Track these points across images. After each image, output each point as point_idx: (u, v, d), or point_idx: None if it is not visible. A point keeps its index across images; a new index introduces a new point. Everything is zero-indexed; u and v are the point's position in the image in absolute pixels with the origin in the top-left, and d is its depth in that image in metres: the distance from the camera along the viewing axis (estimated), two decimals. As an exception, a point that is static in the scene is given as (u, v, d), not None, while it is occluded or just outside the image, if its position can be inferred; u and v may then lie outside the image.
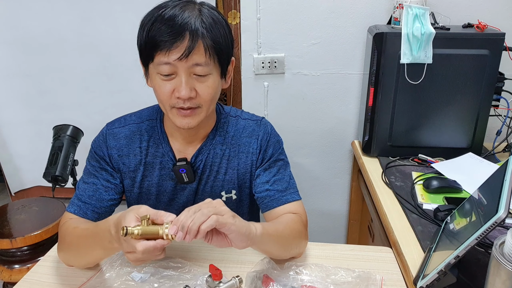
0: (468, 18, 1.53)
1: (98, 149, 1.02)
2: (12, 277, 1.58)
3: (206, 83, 0.89)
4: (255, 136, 1.04)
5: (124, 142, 1.02)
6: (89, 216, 0.98)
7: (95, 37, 2.26)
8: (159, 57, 0.85)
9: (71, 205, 1.00)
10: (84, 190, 1.00)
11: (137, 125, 1.03)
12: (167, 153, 1.02)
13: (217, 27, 0.87)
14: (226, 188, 1.05)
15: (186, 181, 1.02)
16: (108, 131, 1.03)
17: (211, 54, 0.86)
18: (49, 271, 0.97)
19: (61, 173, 1.87)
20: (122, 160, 1.02)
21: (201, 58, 0.85)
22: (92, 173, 1.02)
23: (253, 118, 1.08)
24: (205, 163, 1.03)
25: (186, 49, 0.83)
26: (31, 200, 1.83)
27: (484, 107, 1.44)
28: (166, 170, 1.03)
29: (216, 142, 1.03)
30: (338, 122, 1.84)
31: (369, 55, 1.48)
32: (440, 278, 0.82)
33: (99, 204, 1.00)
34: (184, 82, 0.86)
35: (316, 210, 2.01)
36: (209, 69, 0.88)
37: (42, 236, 1.58)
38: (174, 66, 0.85)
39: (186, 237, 0.73)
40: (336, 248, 1.04)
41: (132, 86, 2.34)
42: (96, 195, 1.00)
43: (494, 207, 0.75)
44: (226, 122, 1.05)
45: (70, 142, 1.92)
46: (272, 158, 1.04)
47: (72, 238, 0.92)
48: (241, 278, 0.88)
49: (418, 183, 1.32)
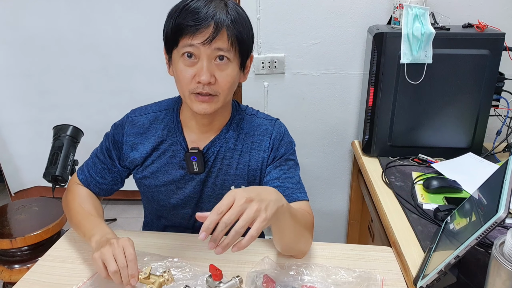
0: (468, 18, 1.53)
1: (116, 133, 1.09)
2: (12, 277, 1.58)
3: (225, 71, 0.93)
4: (268, 134, 1.07)
5: (141, 130, 1.07)
6: (91, 188, 1.10)
7: (95, 37, 2.27)
8: (184, 41, 0.90)
9: (81, 171, 1.12)
10: (94, 163, 1.10)
11: (155, 114, 1.08)
12: (180, 142, 1.05)
13: (241, 21, 0.92)
14: (236, 182, 1.07)
15: (196, 170, 1.05)
16: (128, 118, 1.09)
17: (233, 43, 0.91)
18: (49, 271, 0.96)
19: (61, 173, 1.87)
20: (136, 147, 1.07)
21: (223, 44, 0.90)
22: (104, 152, 1.10)
23: (268, 118, 1.11)
24: (217, 155, 1.05)
25: (210, 35, 0.88)
26: (31, 200, 1.83)
27: (484, 107, 1.44)
28: (177, 159, 1.06)
29: (230, 136, 1.06)
30: (338, 122, 1.84)
31: (369, 55, 1.48)
32: (440, 278, 0.82)
33: (102, 181, 1.10)
34: (205, 67, 0.90)
35: (316, 210, 2.00)
36: (230, 57, 0.92)
37: (42, 236, 1.58)
38: (198, 49, 0.89)
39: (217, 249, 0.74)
40: (336, 248, 1.04)
41: (132, 86, 2.35)
42: (101, 173, 1.09)
43: (494, 207, 0.75)
44: (241, 119, 1.08)
45: (70, 142, 1.92)
46: (283, 156, 1.07)
47: (72, 212, 1.04)
48: (241, 278, 0.88)
49: (418, 183, 1.32)
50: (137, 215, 2.63)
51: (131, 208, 2.69)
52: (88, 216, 1.01)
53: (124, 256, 0.82)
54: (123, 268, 0.81)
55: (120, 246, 0.84)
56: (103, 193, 1.12)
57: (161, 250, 1.02)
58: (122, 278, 0.82)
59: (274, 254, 1.00)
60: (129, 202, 2.72)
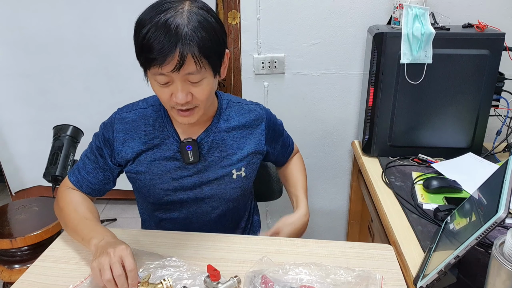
0: (468, 18, 1.53)
1: (105, 131, 1.10)
2: (12, 277, 1.58)
3: (200, 86, 0.94)
4: (262, 118, 1.16)
5: (130, 126, 1.08)
6: (84, 190, 1.11)
7: (95, 37, 2.27)
8: (154, 69, 0.90)
9: (72, 174, 1.12)
10: (85, 164, 1.12)
11: (143, 110, 1.10)
12: (172, 135, 1.08)
13: (205, 30, 0.89)
14: (236, 166, 1.12)
15: (191, 160, 1.07)
16: (117, 115, 1.10)
17: (202, 62, 0.89)
18: (45, 272, 0.96)
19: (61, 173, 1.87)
20: (126, 143, 1.08)
21: (192, 68, 0.89)
22: (94, 152, 1.11)
23: (254, 103, 1.19)
24: (211, 144, 1.09)
25: (177, 63, 0.87)
26: (31, 200, 1.83)
27: (484, 107, 1.44)
28: (171, 151, 1.08)
29: (221, 125, 1.11)
30: (338, 122, 1.84)
31: (369, 55, 1.48)
32: (440, 278, 0.82)
33: (94, 180, 1.11)
34: (180, 89, 0.92)
35: (316, 210, 2.00)
36: (202, 75, 0.92)
37: (42, 236, 1.58)
38: (169, 76, 0.90)
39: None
40: (336, 246, 1.04)
41: (132, 86, 2.34)
42: (93, 173, 1.10)
43: (494, 207, 0.74)
44: (228, 107, 1.13)
45: (70, 142, 1.92)
46: (277, 132, 1.23)
47: (67, 218, 1.05)
48: (239, 278, 0.88)
49: (418, 183, 1.32)
50: (137, 215, 2.61)
51: (131, 208, 2.69)
52: (84, 221, 1.02)
53: (120, 266, 0.84)
54: (119, 277, 0.84)
55: (117, 255, 0.86)
56: (95, 193, 1.13)
57: (159, 249, 1.02)
58: (119, 286, 0.84)
59: (272, 254, 1.00)
60: (129, 202, 2.72)
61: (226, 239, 1.07)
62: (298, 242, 1.06)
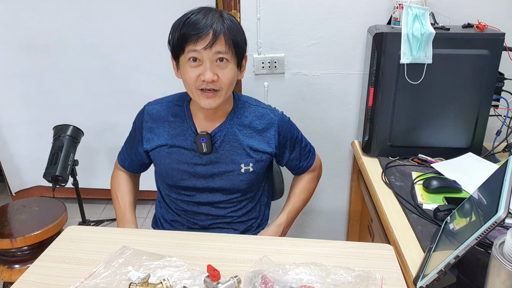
0: (468, 18, 1.53)
1: (137, 120, 1.30)
2: (12, 277, 1.58)
3: (225, 69, 1.11)
4: (272, 123, 1.26)
5: (156, 116, 1.26)
6: (126, 167, 1.38)
7: (95, 37, 2.27)
8: (189, 47, 1.07)
9: (119, 156, 1.39)
10: (126, 147, 1.37)
11: (168, 104, 1.27)
12: (190, 127, 1.23)
13: (235, 28, 1.11)
14: (245, 161, 1.24)
15: (205, 151, 1.21)
16: (146, 107, 1.29)
17: (230, 46, 1.09)
18: (45, 272, 0.96)
19: (61, 173, 1.87)
20: (153, 131, 1.26)
21: (222, 47, 1.07)
22: (130, 138, 1.34)
23: (270, 108, 1.30)
24: (223, 139, 1.22)
25: (210, 41, 1.06)
26: (31, 200, 1.83)
27: (484, 107, 1.44)
28: (188, 142, 1.23)
29: (234, 123, 1.23)
30: (338, 122, 1.84)
31: (369, 55, 1.48)
32: (440, 278, 0.82)
33: (135, 159, 1.34)
34: (208, 68, 1.08)
35: (316, 210, 2.00)
36: (228, 58, 1.10)
37: (42, 236, 1.58)
38: (201, 54, 1.07)
39: None
40: (336, 245, 1.04)
41: (132, 86, 2.35)
42: (131, 155, 1.34)
43: (494, 207, 0.74)
44: (243, 108, 1.25)
45: (70, 142, 1.92)
46: (292, 140, 1.31)
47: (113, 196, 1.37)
48: (239, 278, 0.88)
49: (418, 183, 1.32)
50: (138, 214, 2.61)
51: (132, 208, 2.69)
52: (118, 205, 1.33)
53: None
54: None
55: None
56: (136, 171, 1.40)
57: (159, 249, 1.02)
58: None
59: (272, 254, 1.00)
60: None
61: (226, 239, 1.08)
62: (298, 242, 1.06)
